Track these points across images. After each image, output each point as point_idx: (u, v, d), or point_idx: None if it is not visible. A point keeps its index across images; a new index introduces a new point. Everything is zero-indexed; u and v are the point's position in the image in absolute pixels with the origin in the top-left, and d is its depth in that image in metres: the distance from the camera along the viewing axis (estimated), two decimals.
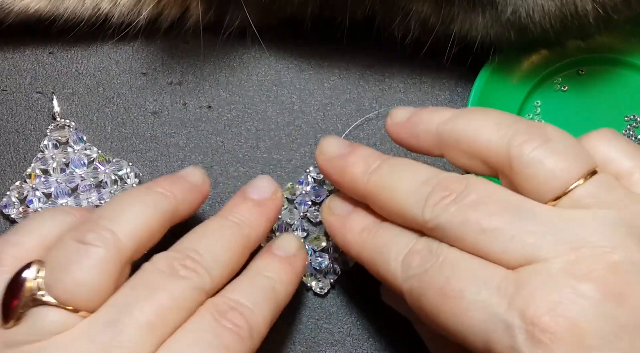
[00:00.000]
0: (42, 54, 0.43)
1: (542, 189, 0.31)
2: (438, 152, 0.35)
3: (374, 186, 0.34)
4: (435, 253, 0.31)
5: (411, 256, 0.32)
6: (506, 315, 0.29)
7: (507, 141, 0.32)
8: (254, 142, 0.43)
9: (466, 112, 0.34)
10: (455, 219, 0.31)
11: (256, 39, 0.42)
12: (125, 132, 0.43)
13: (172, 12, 0.42)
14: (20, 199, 0.41)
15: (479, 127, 0.33)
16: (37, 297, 0.31)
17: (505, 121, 0.32)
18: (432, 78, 0.44)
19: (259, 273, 0.36)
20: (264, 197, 0.37)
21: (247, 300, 0.34)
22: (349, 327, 0.41)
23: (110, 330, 0.30)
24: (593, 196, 0.30)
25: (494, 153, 0.32)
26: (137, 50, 0.44)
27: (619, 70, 0.43)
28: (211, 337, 0.32)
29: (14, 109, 0.43)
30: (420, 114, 0.35)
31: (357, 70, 0.44)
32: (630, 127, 0.43)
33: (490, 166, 0.33)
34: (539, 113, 0.43)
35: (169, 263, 0.33)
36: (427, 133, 0.35)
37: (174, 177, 0.36)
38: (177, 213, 0.35)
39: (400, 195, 0.33)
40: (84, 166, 0.41)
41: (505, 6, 0.37)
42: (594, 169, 0.31)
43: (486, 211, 0.31)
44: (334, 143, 0.37)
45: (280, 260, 0.37)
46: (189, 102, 0.43)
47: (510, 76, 0.43)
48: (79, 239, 0.32)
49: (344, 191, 0.37)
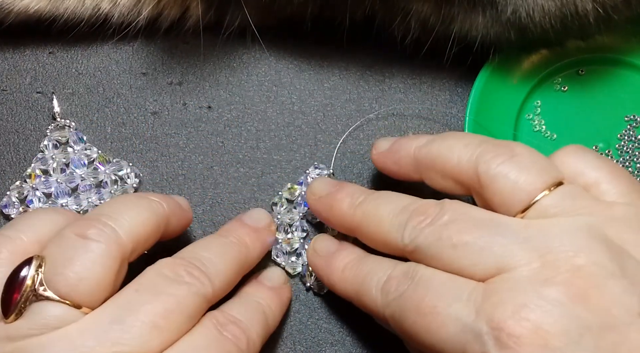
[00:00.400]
0: (42, 54, 0.43)
1: (509, 202, 0.32)
2: (417, 176, 0.37)
3: (360, 218, 0.36)
4: (411, 275, 0.33)
5: (389, 282, 0.34)
6: (475, 324, 0.29)
7: (475, 158, 0.33)
8: (254, 142, 0.43)
9: (440, 136, 0.36)
10: (430, 238, 0.32)
11: (256, 39, 0.42)
12: (125, 132, 0.43)
13: (172, 12, 0.42)
14: (21, 200, 0.41)
15: (450, 149, 0.35)
16: (38, 292, 0.31)
17: (474, 141, 0.34)
18: (432, 78, 0.44)
19: (249, 297, 0.37)
20: (260, 226, 0.39)
21: (242, 317, 0.35)
22: (349, 327, 0.41)
23: (116, 328, 0.31)
24: (558, 206, 0.32)
25: (465, 171, 0.34)
26: (137, 50, 0.44)
27: (619, 70, 0.43)
28: (215, 344, 0.33)
29: (14, 109, 0.43)
30: (400, 141, 0.38)
31: (357, 70, 0.44)
32: (630, 127, 0.43)
33: (462, 185, 0.35)
34: (539, 113, 0.43)
35: (174, 269, 0.33)
36: (406, 158, 0.37)
37: (162, 194, 0.37)
38: (169, 224, 0.36)
39: (383, 223, 0.35)
40: (84, 166, 0.41)
41: (505, 6, 0.37)
42: (559, 181, 0.33)
43: (457, 229, 0.32)
44: (322, 182, 0.39)
45: (269, 290, 0.39)
46: (189, 103, 0.43)
47: (510, 75, 0.43)
48: (80, 233, 0.32)
49: (333, 225, 0.39)
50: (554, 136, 0.43)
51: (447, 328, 0.30)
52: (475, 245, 0.31)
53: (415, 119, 0.43)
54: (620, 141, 0.43)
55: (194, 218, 0.41)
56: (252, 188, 0.42)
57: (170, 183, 0.42)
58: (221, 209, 0.42)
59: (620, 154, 0.43)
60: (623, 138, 0.43)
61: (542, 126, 0.43)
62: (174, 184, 0.42)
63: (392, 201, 0.35)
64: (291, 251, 0.41)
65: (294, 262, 0.41)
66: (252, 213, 0.40)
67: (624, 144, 0.43)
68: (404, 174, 0.37)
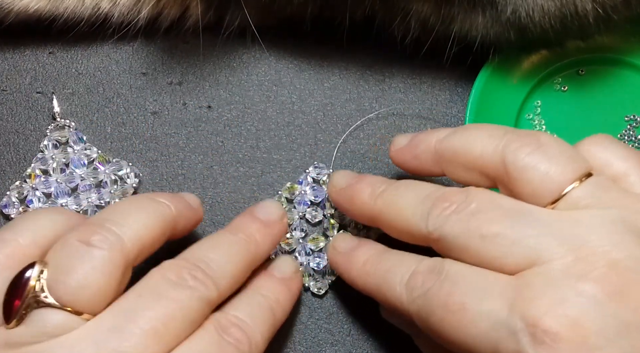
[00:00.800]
0: (42, 53, 0.43)
1: (538, 193, 0.31)
2: (439, 170, 0.36)
3: (381, 207, 0.35)
4: (437, 271, 0.32)
5: (414, 278, 0.33)
6: (508, 320, 0.29)
7: (501, 148, 0.32)
8: (253, 142, 0.43)
9: (461, 128, 0.35)
10: (457, 228, 0.31)
11: (256, 39, 0.42)
12: (125, 132, 0.43)
13: (172, 11, 0.42)
14: (20, 200, 0.41)
15: (474, 140, 0.34)
16: (40, 298, 0.31)
17: (497, 132, 0.33)
18: (432, 78, 0.44)
19: (257, 292, 0.36)
20: (272, 219, 0.38)
21: (247, 317, 0.34)
22: (349, 327, 0.41)
23: (115, 336, 0.30)
24: (590, 198, 0.31)
25: (490, 162, 0.33)
26: (137, 50, 0.44)
27: (619, 70, 0.43)
28: (215, 349, 0.32)
29: (13, 109, 0.43)
30: (419, 135, 0.37)
31: (357, 70, 0.44)
32: (630, 127, 0.43)
33: (488, 176, 0.33)
34: (539, 113, 0.43)
35: (178, 272, 0.33)
36: (426, 153, 0.36)
37: (172, 194, 0.37)
38: (177, 226, 0.35)
39: (406, 211, 0.34)
40: (83, 166, 0.41)
41: (505, 6, 0.37)
42: (589, 171, 0.32)
43: (486, 219, 0.31)
44: (343, 175, 0.39)
45: (278, 282, 0.38)
46: (189, 102, 0.43)
47: (510, 75, 0.43)
48: (84, 240, 0.32)
49: (354, 217, 0.38)
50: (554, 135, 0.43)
51: (478, 325, 0.29)
52: (506, 237, 0.30)
53: (415, 119, 0.43)
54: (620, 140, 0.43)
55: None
56: (252, 188, 0.42)
57: (170, 182, 0.42)
58: (221, 208, 0.42)
59: None
60: (623, 138, 0.43)
61: (542, 126, 0.43)
62: (173, 184, 0.42)
63: (414, 189, 0.34)
64: (290, 251, 0.41)
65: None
66: (263, 205, 0.39)
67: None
68: (425, 168, 0.36)
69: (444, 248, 0.32)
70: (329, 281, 0.41)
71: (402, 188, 0.35)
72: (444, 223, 0.32)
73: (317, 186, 0.42)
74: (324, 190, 0.41)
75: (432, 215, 0.32)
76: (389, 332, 0.40)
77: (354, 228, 0.41)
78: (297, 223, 0.41)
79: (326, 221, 0.41)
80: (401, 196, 0.35)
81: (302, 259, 0.41)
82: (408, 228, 0.34)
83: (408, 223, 0.34)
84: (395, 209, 0.35)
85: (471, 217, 0.31)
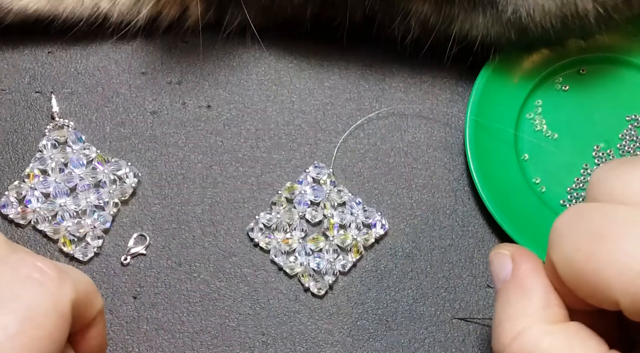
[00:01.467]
0: (41, 53, 0.43)
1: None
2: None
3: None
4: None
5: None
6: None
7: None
8: (253, 141, 0.43)
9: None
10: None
11: (256, 38, 0.41)
12: (124, 131, 0.43)
13: (172, 11, 0.42)
14: (19, 199, 0.41)
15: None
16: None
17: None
18: (432, 77, 0.44)
19: None
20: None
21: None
22: (349, 327, 0.41)
23: None
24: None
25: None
26: (136, 49, 0.43)
27: (619, 69, 0.43)
28: None
29: (12, 109, 0.43)
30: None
31: (357, 69, 0.44)
32: (632, 127, 0.43)
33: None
34: (540, 113, 0.43)
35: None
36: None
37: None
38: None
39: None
40: (82, 166, 0.41)
41: (505, 6, 0.37)
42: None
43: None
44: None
45: None
46: (189, 102, 0.43)
47: (511, 75, 0.42)
48: None
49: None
50: (555, 135, 0.43)
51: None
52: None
53: (415, 119, 0.43)
54: (621, 140, 0.43)
55: (194, 217, 0.41)
56: (251, 187, 0.42)
57: (169, 182, 0.42)
58: (220, 208, 0.42)
59: (622, 154, 0.43)
60: (624, 138, 0.43)
61: (543, 126, 0.43)
62: (173, 184, 0.42)
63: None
64: (289, 251, 0.41)
65: (292, 262, 0.41)
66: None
67: (625, 144, 0.43)
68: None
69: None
70: (329, 281, 0.41)
71: None
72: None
73: (317, 186, 0.42)
74: (324, 190, 0.41)
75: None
76: (389, 332, 0.40)
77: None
78: (297, 223, 0.41)
79: (326, 221, 0.41)
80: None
81: (302, 259, 0.41)
82: None
83: None
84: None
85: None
